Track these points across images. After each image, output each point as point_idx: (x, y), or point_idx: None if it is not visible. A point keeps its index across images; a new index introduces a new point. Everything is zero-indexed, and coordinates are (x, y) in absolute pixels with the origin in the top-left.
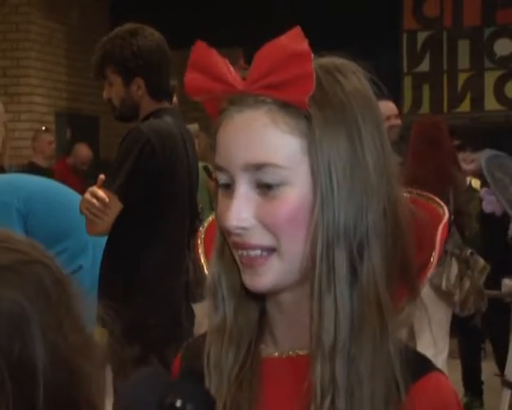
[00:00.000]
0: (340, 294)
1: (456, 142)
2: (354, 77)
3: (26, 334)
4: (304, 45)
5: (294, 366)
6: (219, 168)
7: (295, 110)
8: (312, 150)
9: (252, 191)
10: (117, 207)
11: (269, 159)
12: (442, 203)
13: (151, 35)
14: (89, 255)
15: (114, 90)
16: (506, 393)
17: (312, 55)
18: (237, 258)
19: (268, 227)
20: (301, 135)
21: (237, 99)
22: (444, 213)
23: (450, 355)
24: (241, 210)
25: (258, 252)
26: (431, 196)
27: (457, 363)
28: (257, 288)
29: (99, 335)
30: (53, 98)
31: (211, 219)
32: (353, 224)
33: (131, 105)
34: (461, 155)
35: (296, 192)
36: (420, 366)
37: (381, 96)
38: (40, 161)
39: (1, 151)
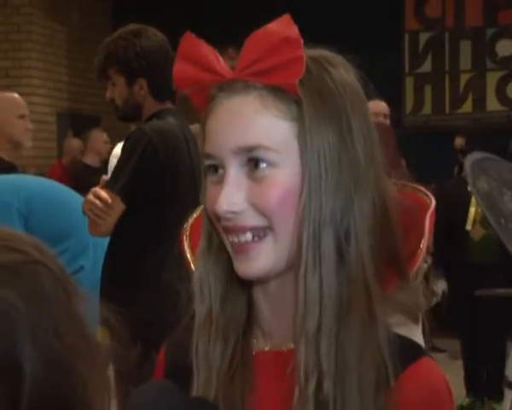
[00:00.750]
0: (325, 276)
1: (460, 140)
2: (342, 69)
3: (14, 333)
4: (293, 31)
5: (286, 360)
6: (209, 156)
7: (285, 95)
8: (302, 135)
9: (242, 176)
10: (119, 207)
11: (260, 141)
12: (428, 192)
13: (154, 36)
14: (90, 256)
15: (117, 90)
16: (508, 393)
17: (302, 41)
18: (228, 245)
19: (260, 210)
20: (292, 119)
21: (226, 86)
22: (430, 202)
23: (453, 356)
24: (232, 194)
25: (249, 236)
26: (416, 186)
27: (459, 364)
28: (249, 274)
29: (101, 335)
30: (54, 99)
31: (195, 215)
32: (340, 210)
33: (134, 105)
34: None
35: (285, 175)
36: (410, 351)
37: (373, 93)
38: (90, 161)
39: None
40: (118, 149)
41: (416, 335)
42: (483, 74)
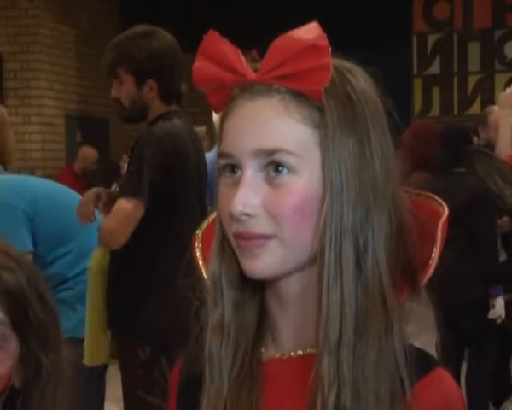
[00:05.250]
0: (346, 287)
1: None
2: (362, 80)
3: None
4: (322, 38)
5: (297, 367)
6: (227, 155)
7: (308, 102)
8: (324, 143)
9: (259, 180)
10: (140, 211)
11: (281, 145)
12: (441, 201)
13: (165, 38)
14: None
15: (125, 89)
16: None
17: (330, 49)
18: (235, 246)
19: (273, 216)
20: (313, 126)
21: (248, 87)
22: (443, 211)
23: None
24: (248, 196)
25: (260, 241)
26: (430, 194)
27: None
28: (256, 273)
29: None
30: (63, 101)
31: (208, 220)
32: (360, 222)
33: (141, 106)
34: None
35: (303, 182)
36: (423, 362)
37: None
38: None
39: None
40: None
41: (429, 346)
42: (491, 76)
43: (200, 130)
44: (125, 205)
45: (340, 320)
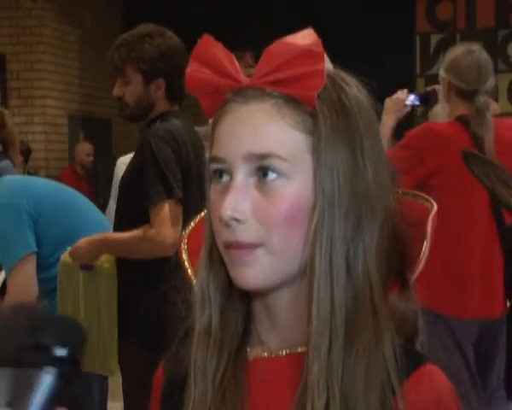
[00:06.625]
0: (337, 296)
1: None
2: (356, 88)
3: None
4: (317, 44)
5: (284, 365)
6: (218, 160)
7: (301, 107)
8: (317, 150)
9: (250, 185)
10: (179, 209)
11: (273, 150)
12: (429, 198)
13: (171, 37)
14: None
15: (131, 88)
16: None
17: (324, 55)
18: (226, 258)
19: (263, 223)
20: (306, 132)
21: (242, 92)
22: (432, 206)
23: None
24: (238, 201)
25: (249, 249)
26: (417, 192)
27: None
28: (248, 283)
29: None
30: (66, 101)
31: (193, 224)
32: (352, 231)
33: (146, 105)
34: None
35: (295, 189)
36: (411, 360)
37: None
38: None
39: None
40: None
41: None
42: (494, 76)
43: (205, 129)
44: (166, 210)
45: (329, 330)
